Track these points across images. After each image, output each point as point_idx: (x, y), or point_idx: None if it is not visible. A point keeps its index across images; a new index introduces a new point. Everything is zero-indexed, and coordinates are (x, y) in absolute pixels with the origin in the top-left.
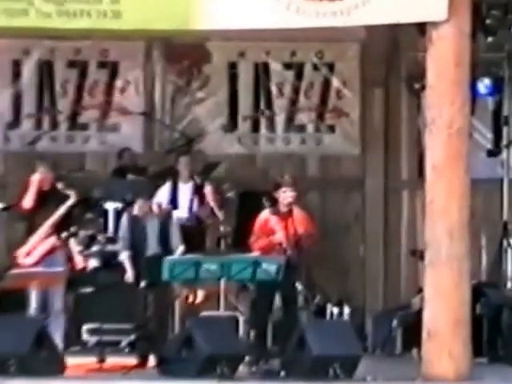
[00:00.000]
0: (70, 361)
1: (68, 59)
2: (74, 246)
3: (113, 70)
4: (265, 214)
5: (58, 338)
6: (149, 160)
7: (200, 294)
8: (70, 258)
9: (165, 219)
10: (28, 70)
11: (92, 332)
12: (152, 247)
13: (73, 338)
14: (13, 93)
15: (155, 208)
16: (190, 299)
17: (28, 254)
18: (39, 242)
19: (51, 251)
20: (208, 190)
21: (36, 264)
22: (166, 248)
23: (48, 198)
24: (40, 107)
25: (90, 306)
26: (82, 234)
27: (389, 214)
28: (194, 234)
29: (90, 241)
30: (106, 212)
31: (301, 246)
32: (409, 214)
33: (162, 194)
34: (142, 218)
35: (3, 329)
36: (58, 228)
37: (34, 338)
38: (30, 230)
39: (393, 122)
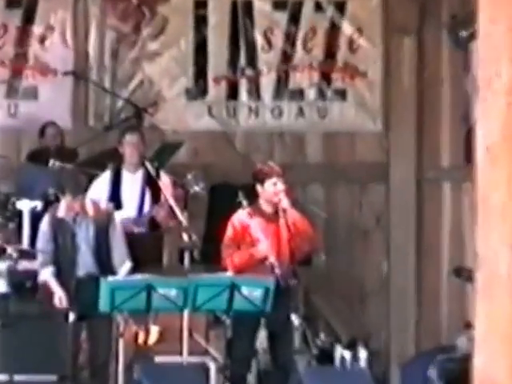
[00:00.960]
0: None
1: None
2: None
3: (28, 10)
4: (242, 215)
5: None
6: (80, 139)
7: (154, 331)
8: None
9: (103, 224)
10: None
11: None
12: (85, 264)
13: None
14: None
15: (89, 208)
16: (140, 338)
17: None
18: None
19: None
20: (165, 181)
21: None
22: (104, 265)
23: None
24: None
25: None
26: None
27: (423, 217)
28: (146, 245)
29: None
30: (18, 214)
31: (296, 261)
32: (452, 215)
33: (100, 188)
34: (71, 222)
35: None
36: None
37: None
38: None
39: (429, 86)
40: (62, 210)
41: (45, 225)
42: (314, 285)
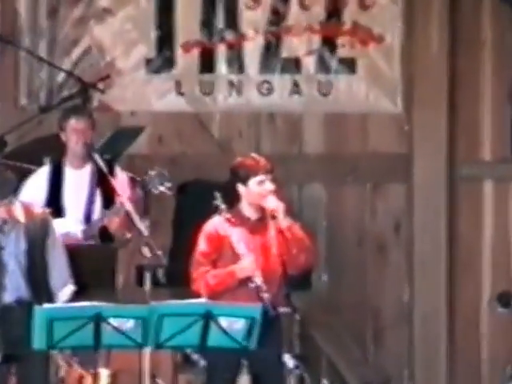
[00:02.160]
0: None
1: None
2: None
3: None
4: (219, 223)
5: None
6: (8, 124)
7: (104, 376)
8: None
9: (39, 234)
10: None
11: None
12: (14, 287)
13: None
14: None
15: (20, 214)
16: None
17: None
18: None
19: None
20: (121, 179)
21: None
22: (39, 288)
23: None
24: None
25: None
26: None
27: (457, 225)
28: (95, 262)
29: None
30: None
31: (290, 282)
32: (495, 223)
33: (35, 189)
34: None
35: None
36: None
37: None
38: None
39: (465, 53)
40: None
41: None
42: (313, 314)
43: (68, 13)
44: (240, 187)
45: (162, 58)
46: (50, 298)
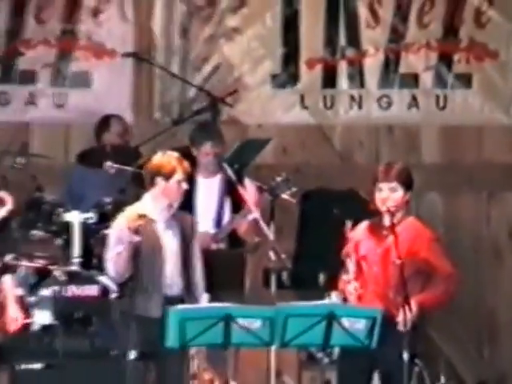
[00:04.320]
0: None
1: None
2: (9, 289)
3: None
4: (364, 228)
5: None
6: (143, 136)
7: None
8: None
9: (189, 235)
10: None
11: None
12: (171, 283)
13: None
14: None
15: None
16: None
17: None
18: None
19: None
20: (248, 187)
21: None
22: (189, 288)
23: None
24: None
25: None
26: (24, 266)
27: None
28: (225, 265)
29: (39, 279)
30: (67, 228)
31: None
32: None
33: None
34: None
35: None
36: None
37: None
38: None
39: None
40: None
41: (115, 238)
42: (431, 315)
43: (199, 32)
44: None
45: (287, 73)
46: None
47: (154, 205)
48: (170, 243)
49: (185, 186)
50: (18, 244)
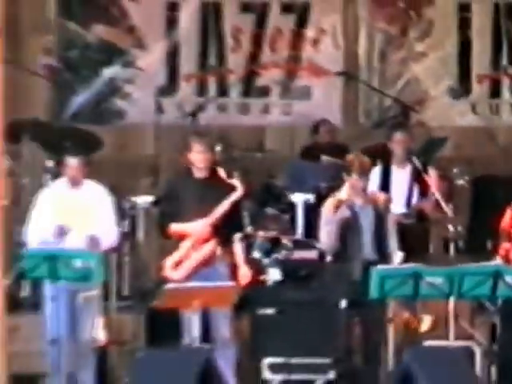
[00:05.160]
0: None
1: (241, 1)
2: (240, 253)
3: (302, 15)
4: None
5: (228, 376)
6: (350, 136)
7: (427, 320)
8: (235, 270)
9: (381, 212)
10: (187, 16)
11: (276, 368)
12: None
13: (249, 376)
14: (167, 47)
15: (370, 196)
16: (412, 325)
17: (177, 265)
18: (192, 249)
19: (208, 261)
20: (432, 175)
21: (187, 278)
22: (379, 253)
23: (206, 188)
24: (203, 65)
25: (273, 332)
26: (261, 236)
27: None
28: (414, 236)
29: (271, 246)
30: (292, 206)
31: None
32: None
33: (371, 181)
34: (356, 209)
35: (158, 364)
36: (218, 229)
37: (198, 376)
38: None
39: None
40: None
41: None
42: None
43: (394, 56)
44: None
45: (462, 87)
46: (385, 259)
47: (350, 191)
48: (365, 219)
49: (363, 180)
50: (256, 219)
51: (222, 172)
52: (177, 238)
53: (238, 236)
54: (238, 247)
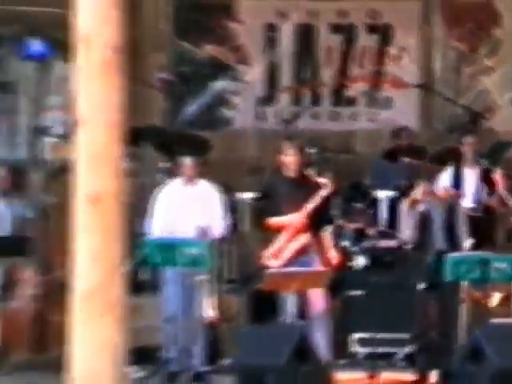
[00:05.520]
0: (337, 376)
1: (332, 23)
2: (328, 239)
3: (385, 35)
4: None
5: (321, 349)
6: (426, 140)
7: (497, 297)
8: (326, 257)
9: (451, 208)
10: (285, 36)
11: (363, 342)
12: (437, 240)
13: (339, 349)
14: (267, 63)
15: (441, 193)
16: (484, 301)
17: (276, 254)
18: (288, 240)
19: (303, 250)
20: (498, 175)
21: (285, 266)
22: (451, 242)
23: (296, 187)
24: (299, 79)
25: (360, 311)
26: (349, 228)
27: None
28: (482, 227)
29: (359, 236)
30: (375, 201)
31: None
32: None
33: (444, 180)
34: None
35: (258, 339)
36: (311, 222)
37: (294, 348)
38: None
39: None
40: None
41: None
42: None
43: (465, 70)
44: None
45: None
46: (456, 247)
47: (422, 193)
48: (437, 214)
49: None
50: (345, 213)
51: (310, 172)
52: (275, 230)
53: (328, 227)
54: (328, 236)
